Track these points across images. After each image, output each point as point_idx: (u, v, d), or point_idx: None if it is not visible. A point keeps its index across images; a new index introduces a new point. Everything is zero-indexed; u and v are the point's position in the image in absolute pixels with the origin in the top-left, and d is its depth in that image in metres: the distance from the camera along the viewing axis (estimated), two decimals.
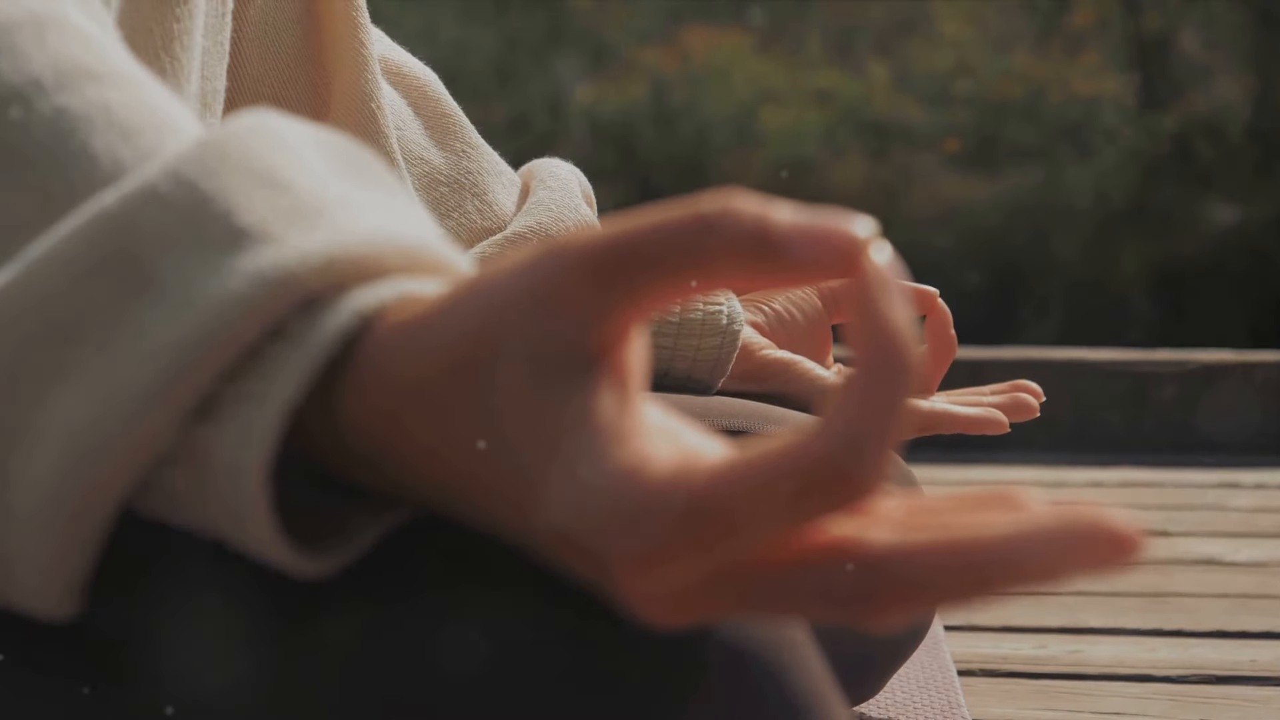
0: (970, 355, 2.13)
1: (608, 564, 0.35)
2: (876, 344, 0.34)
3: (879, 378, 0.34)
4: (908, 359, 0.34)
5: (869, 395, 0.34)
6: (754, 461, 0.34)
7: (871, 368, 0.34)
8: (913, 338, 0.34)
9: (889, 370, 0.34)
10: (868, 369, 0.34)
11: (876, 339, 0.34)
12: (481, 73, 4.44)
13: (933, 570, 0.34)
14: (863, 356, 0.34)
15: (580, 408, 0.36)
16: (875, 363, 0.34)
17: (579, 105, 4.40)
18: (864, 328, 0.34)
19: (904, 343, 0.34)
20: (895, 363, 0.34)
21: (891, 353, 0.34)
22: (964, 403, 1.11)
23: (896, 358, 0.34)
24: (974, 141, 4.39)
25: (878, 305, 0.34)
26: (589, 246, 0.36)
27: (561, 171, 1.06)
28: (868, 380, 0.34)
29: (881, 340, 0.34)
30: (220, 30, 0.72)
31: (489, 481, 0.37)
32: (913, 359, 0.34)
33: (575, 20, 4.51)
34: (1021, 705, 1.14)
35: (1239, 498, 1.84)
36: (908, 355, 0.34)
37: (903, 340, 0.34)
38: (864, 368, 0.34)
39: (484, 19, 4.48)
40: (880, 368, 0.34)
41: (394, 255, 0.40)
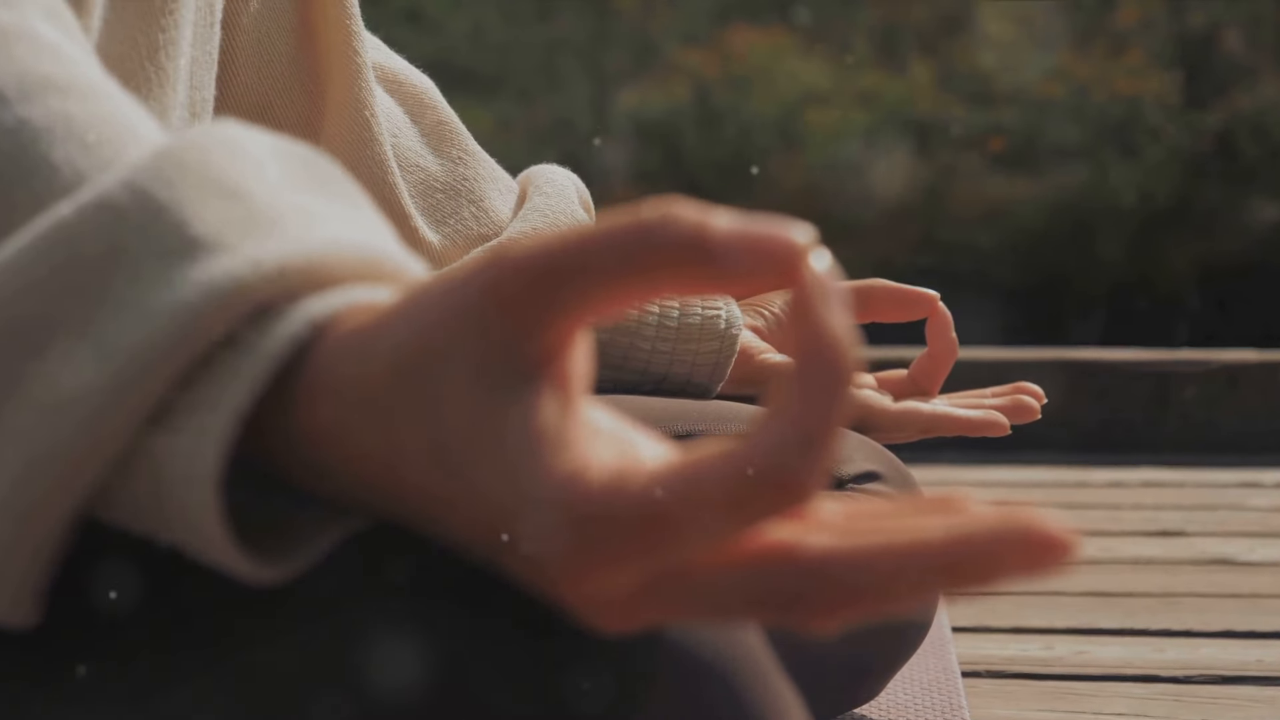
0: (993, 356, 2.13)
1: (549, 570, 0.36)
2: (814, 349, 0.34)
3: (816, 383, 0.34)
4: (845, 364, 0.34)
5: (806, 400, 0.34)
6: (691, 467, 0.35)
7: (809, 373, 0.34)
8: (851, 344, 0.35)
9: (827, 376, 0.34)
10: (805, 374, 0.34)
11: (814, 344, 0.34)
12: (527, 74, 4.46)
13: (871, 574, 0.35)
14: (800, 362, 0.35)
15: (522, 415, 0.36)
16: (813, 368, 0.34)
17: (623, 107, 4.41)
18: (802, 333, 0.35)
19: (841, 348, 0.34)
20: (833, 368, 0.34)
21: (829, 358, 0.34)
22: (965, 405, 1.12)
23: (834, 363, 0.34)
24: (1018, 141, 4.37)
25: (816, 311, 0.35)
26: (530, 255, 0.36)
27: (559, 178, 1.07)
28: (805, 385, 0.34)
29: (819, 345, 0.34)
30: (208, 40, 0.72)
31: (435, 489, 0.37)
32: (850, 365, 0.35)
33: (620, 22, 4.52)
34: (1024, 706, 1.15)
35: (1258, 497, 1.83)
36: (845, 361, 0.34)
37: (840, 346, 0.34)
38: (802, 373, 0.34)
39: (529, 21, 4.50)
40: (818, 373, 0.34)
41: (348, 264, 0.40)
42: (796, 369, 0.35)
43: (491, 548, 0.37)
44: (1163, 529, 1.67)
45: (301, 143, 0.44)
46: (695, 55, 4.39)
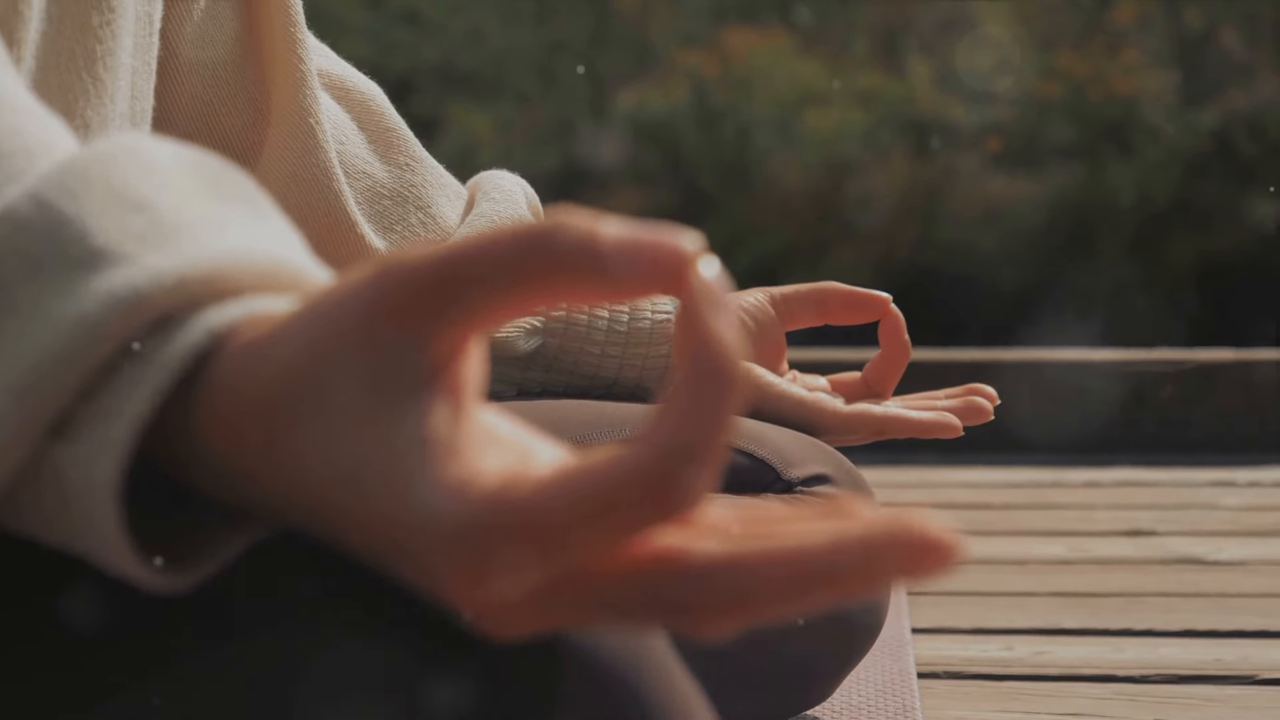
0: (970, 357, 2.14)
1: (438, 578, 0.36)
2: (701, 357, 0.34)
3: (702, 391, 0.34)
4: (732, 373, 0.34)
5: (692, 408, 0.34)
6: (578, 474, 0.35)
7: (695, 381, 0.34)
8: (739, 352, 0.35)
9: (713, 383, 0.34)
10: (691, 382, 0.34)
11: (701, 352, 0.34)
12: (526, 75, 4.46)
13: (756, 579, 0.35)
14: (687, 369, 0.35)
15: (413, 424, 0.37)
16: (699, 376, 0.34)
17: (622, 108, 4.41)
18: (689, 341, 0.35)
19: (728, 356, 0.35)
20: (719, 376, 0.34)
21: (716, 366, 0.34)
22: (918, 407, 1.12)
23: (721, 371, 0.34)
24: (1016, 141, 4.37)
25: (703, 319, 0.35)
26: (419, 265, 0.37)
27: (507, 183, 1.07)
28: (691, 393, 0.34)
29: (706, 353, 0.34)
30: (148, 50, 0.73)
31: (330, 498, 0.38)
32: (738, 373, 0.35)
33: (618, 23, 4.52)
34: (979, 707, 1.15)
35: (1231, 497, 1.83)
36: (732, 369, 0.35)
37: (727, 353, 0.35)
38: (687, 380, 0.35)
39: (528, 22, 4.50)
40: (704, 381, 0.34)
41: (250, 274, 0.41)
42: (682, 376, 0.35)
43: (386, 556, 0.38)
44: (1134, 529, 1.67)
45: (223, 153, 0.45)
46: (694, 56, 4.39)
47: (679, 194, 4.31)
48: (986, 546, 1.63)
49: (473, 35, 4.50)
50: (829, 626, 1.02)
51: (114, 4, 0.65)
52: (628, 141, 4.38)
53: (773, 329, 1.14)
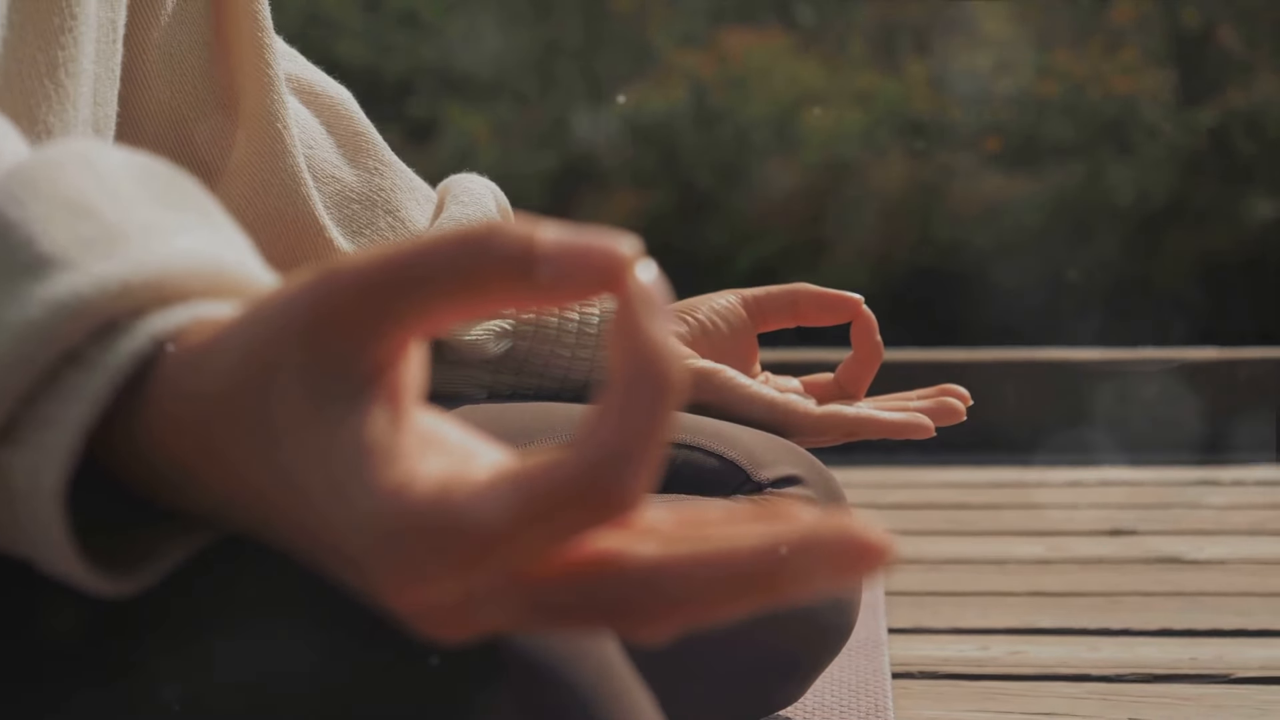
0: (954, 357, 2.14)
1: (376, 581, 0.37)
2: (636, 361, 0.35)
3: (637, 395, 0.35)
4: (667, 376, 0.35)
5: (627, 412, 0.35)
6: (514, 479, 0.35)
7: (630, 384, 0.35)
8: (675, 356, 0.35)
9: (648, 387, 0.35)
10: (626, 386, 0.35)
11: (636, 356, 0.35)
12: (523, 77, 4.46)
13: (692, 581, 0.35)
14: (622, 373, 0.35)
15: (353, 428, 0.37)
16: (634, 379, 0.35)
17: (620, 109, 4.41)
18: (624, 344, 0.35)
19: (664, 360, 0.35)
20: (654, 380, 0.35)
21: (651, 370, 0.35)
22: (889, 408, 1.13)
23: (656, 375, 0.35)
24: (1015, 140, 4.37)
25: (639, 322, 0.35)
26: (359, 268, 0.37)
27: (476, 186, 1.08)
28: (626, 397, 0.35)
29: (641, 357, 0.35)
30: (111, 56, 0.73)
31: (271, 502, 0.38)
32: (674, 376, 0.35)
33: (615, 24, 4.52)
34: (953, 707, 1.15)
35: (1215, 495, 1.83)
36: (667, 372, 0.35)
37: (663, 357, 0.35)
38: (622, 384, 0.35)
39: (525, 24, 4.50)
40: (639, 384, 0.35)
41: (195, 279, 0.41)
42: (618, 381, 0.35)
43: (327, 559, 0.38)
44: (1115, 528, 1.67)
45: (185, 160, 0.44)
46: (691, 57, 4.39)
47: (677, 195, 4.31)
48: (967, 546, 1.63)
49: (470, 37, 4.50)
50: (799, 627, 1.02)
51: (76, 10, 0.66)
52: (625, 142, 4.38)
53: (744, 331, 1.14)
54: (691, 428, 1.05)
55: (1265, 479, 1.91)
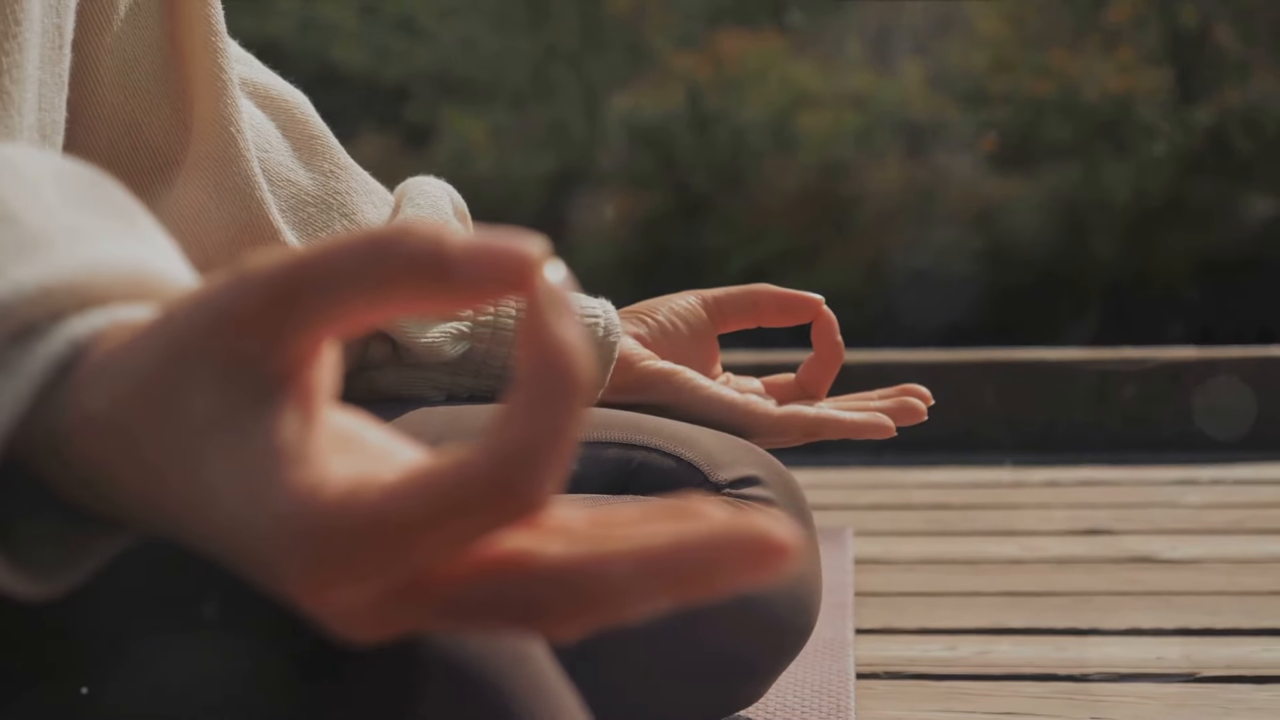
0: (933, 358, 2.14)
1: (287, 583, 0.37)
2: (543, 361, 0.35)
3: (545, 395, 0.35)
4: (575, 376, 0.35)
5: (535, 411, 0.35)
6: (422, 479, 0.35)
7: (537, 384, 0.35)
8: (583, 356, 0.35)
9: (555, 387, 0.35)
10: (533, 386, 0.35)
11: (543, 356, 0.35)
12: (520, 81, 4.47)
13: (599, 581, 0.35)
14: (529, 373, 0.35)
15: (262, 431, 0.37)
16: (541, 379, 0.35)
17: (616, 112, 4.42)
18: (532, 345, 0.35)
19: (572, 360, 0.35)
20: (562, 380, 0.35)
21: (559, 368, 0.35)
22: (850, 408, 1.13)
23: (564, 374, 0.35)
24: (1010, 140, 4.37)
25: (546, 322, 0.35)
26: (269, 271, 0.37)
27: (431, 189, 1.08)
28: (533, 397, 0.35)
29: (549, 356, 0.35)
30: (57, 62, 0.73)
31: (187, 504, 0.38)
32: (582, 375, 0.35)
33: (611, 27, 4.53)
34: (916, 707, 1.15)
35: (1192, 495, 1.83)
36: (575, 372, 0.35)
37: (571, 357, 0.35)
38: (530, 384, 0.35)
39: (521, 28, 4.51)
40: (546, 384, 0.35)
41: (115, 283, 0.41)
42: (525, 380, 0.35)
43: (241, 561, 0.38)
44: (1091, 528, 1.67)
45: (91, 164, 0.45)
46: (688, 59, 4.40)
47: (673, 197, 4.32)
48: (941, 547, 1.62)
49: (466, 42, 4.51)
50: (758, 627, 1.02)
51: (20, 16, 0.66)
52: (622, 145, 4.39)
53: (705, 331, 1.14)
54: (649, 429, 1.05)
55: (1243, 478, 1.91)
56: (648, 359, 1.11)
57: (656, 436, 1.05)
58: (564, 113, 4.43)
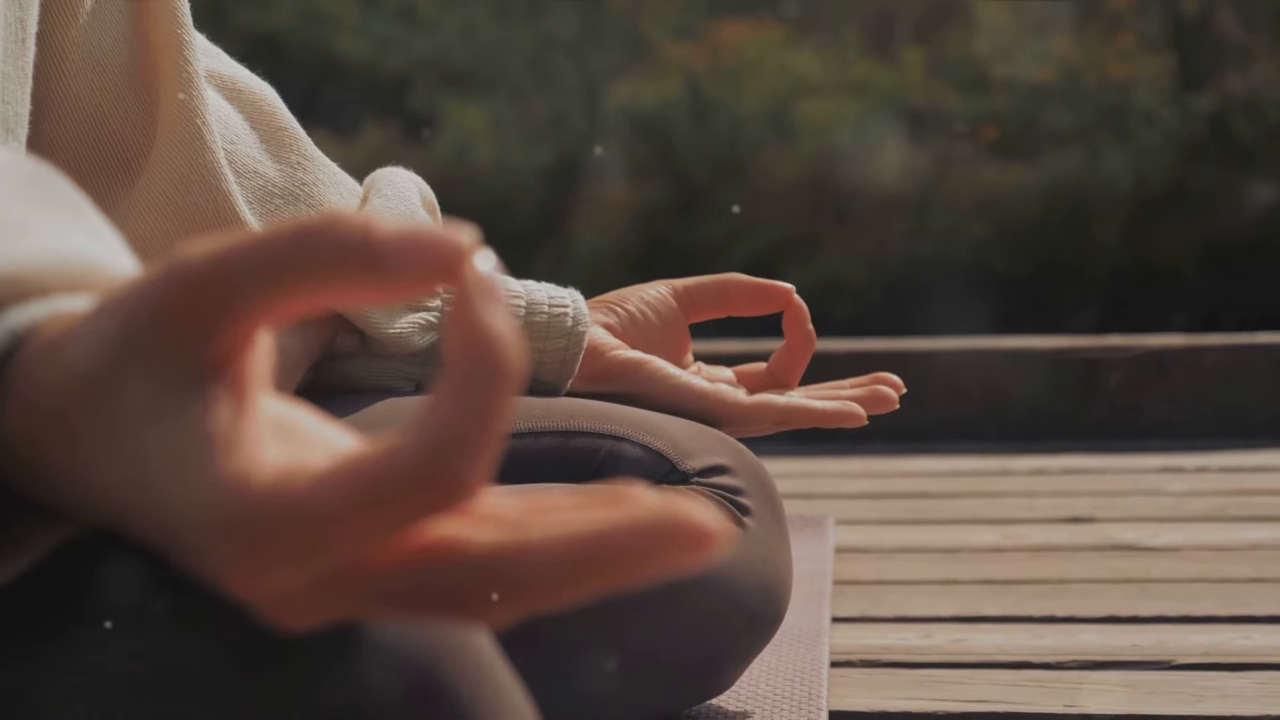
0: (920, 346, 2.13)
1: (218, 570, 0.37)
2: (472, 349, 0.35)
3: (473, 383, 0.35)
4: (504, 365, 0.35)
5: (462, 400, 0.35)
6: (352, 466, 0.35)
7: (466, 373, 0.35)
8: (512, 345, 0.35)
9: (484, 376, 0.35)
10: (462, 374, 0.35)
11: (472, 344, 0.35)
12: (519, 71, 4.47)
13: (525, 567, 0.36)
14: (457, 361, 0.35)
15: (194, 419, 0.37)
16: (470, 368, 0.35)
17: (615, 102, 4.42)
18: (460, 333, 0.35)
19: (500, 349, 0.35)
20: (490, 368, 0.35)
21: (487, 358, 0.35)
22: (821, 397, 1.13)
23: (492, 363, 0.35)
24: (1011, 128, 4.36)
25: (475, 311, 0.35)
26: (200, 260, 0.37)
27: (400, 180, 1.08)
28: (461, 385, 0.35)
29: (477, 345, 0.35)
30: (20, 55, 0.74)
31: (124, 493, 0.39)
32: (510, 365, 0.35)
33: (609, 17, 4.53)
34: (888, 695, 1.15)
35: (1176, 482, 1.83)
36: (504, 361, 0.35)
37: (499, 346, 0.35)
38: (458, 373, 0.35)
39: (520, 18, 4.51)
40: (475, 373, 0.35)
41: (56, 274, 0.41)
42: (453, 368, 0.35)
43: (177, 548, 0.38)
44: (1073, 515, 1.67)
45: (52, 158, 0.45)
46: (685, 49, 4.39)
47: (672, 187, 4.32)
48: (922, 535, 1.63)
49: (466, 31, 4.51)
50: (726, 616, 1.03)
51: None
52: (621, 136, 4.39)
53: (675, 321, 1.14)
54: (617, 418, 1.05)
55: (1229, 465, 1.91)
56: (617, 348, 1.11)
57: (625, 425, 1.05)
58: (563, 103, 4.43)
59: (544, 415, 1.05)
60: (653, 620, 1.00)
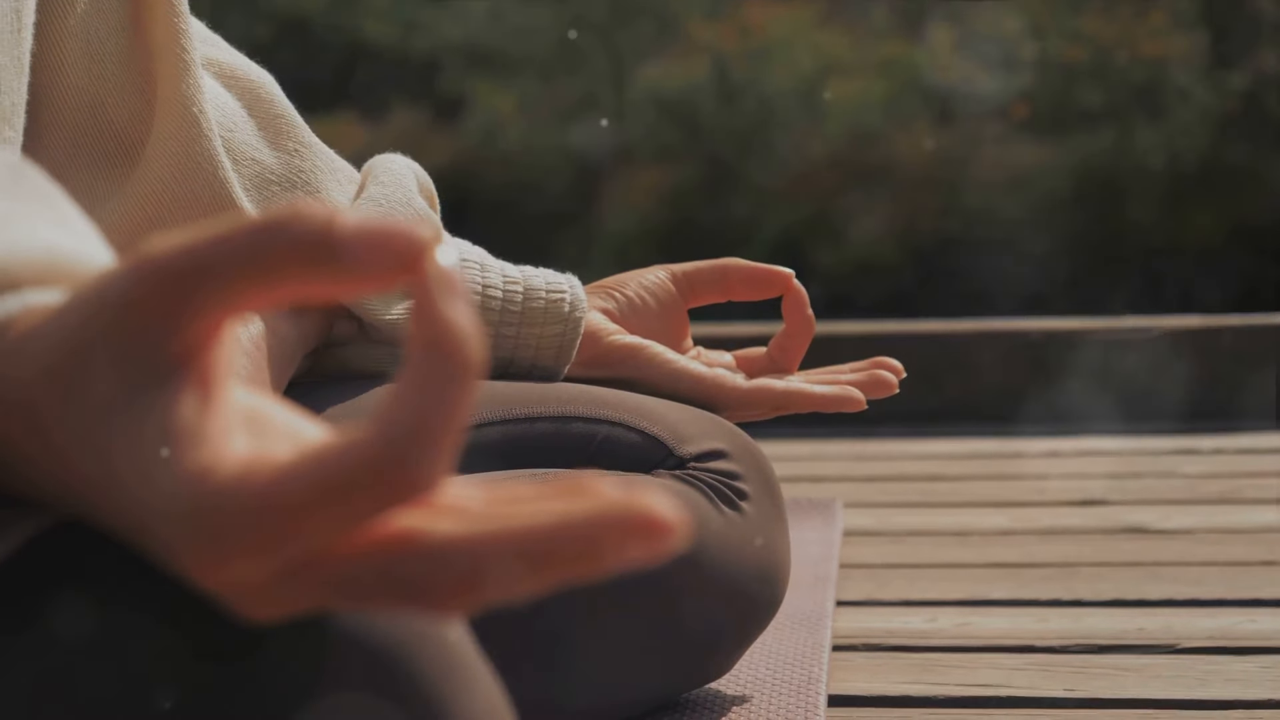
0: (933, 329, 2.13)
1: (184, 561, 0.38)
2: (432, 342, 0.35)
3: (433, 376, 0.35)
4: (464, 359, 0.35)
5: (423, 394, 0.35)
6: (311, 460, 0.36)
7: (426, 366, 0.35)
8: (473, 339, 0.36)
9: (444, 369, 0.35)
10: (422, 367, 0.35)
11: (432, 337, 0.35)
12: (546, 54, 4.47)
13: (483, 558, 0.36)
14: (418, 355, 0.35)
15: (159, 412, 0.38)
16: (430, 361, 0.35)
17: (643, 83, 4.41)
18: (421, 326, 0.35)
19: (460, 342, 0.35)
20: (450, 361, 0.35)
21: (447, 351, 0.35)
22: (821, 381, 1.12)
23: (452, 356, 0.35)
24: (1043, 106, 4.34)
25: (435, 304, 0.35)
26: (164, 255, 0.38)
27: (396, 166, 1.08)
28: (423, 379, 0.35)
29: (437, 339, 0.35)
30: (16, 45, 0.74)
31: (92, 486, 0.39)
32: (471, 359, 0.35)
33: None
34: (890, 679, 1.15)
35: (1191, 464, 1.82)
36: (464, 354, 0.35)
37: (459, 339, 0.35)
38: (419, 366, 0.35)
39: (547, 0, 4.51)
40: (435, 366, 0.35)
41: (28, 267, 0.42)
42: (415, 362, 0.35)
43: (144, 540, 0.39)
44: (1086, 498, 1.66)
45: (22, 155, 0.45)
46: (714, 30, 4.38)
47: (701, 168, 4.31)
48: (932, 518, 1.62)
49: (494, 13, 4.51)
50: (724, 600, 1.03)
51: None
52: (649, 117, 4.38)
53: (674, 306, 1.14)
54: (614, 403, 1.05)
55: (1245, 447, 1.90)
56: (615, 334, 1.11)
57: (620, 410, 1.05)
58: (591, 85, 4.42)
59: (540, 400, 1.05)
60: (650, 605, 1.00)
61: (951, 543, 1.51)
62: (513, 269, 1.10)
